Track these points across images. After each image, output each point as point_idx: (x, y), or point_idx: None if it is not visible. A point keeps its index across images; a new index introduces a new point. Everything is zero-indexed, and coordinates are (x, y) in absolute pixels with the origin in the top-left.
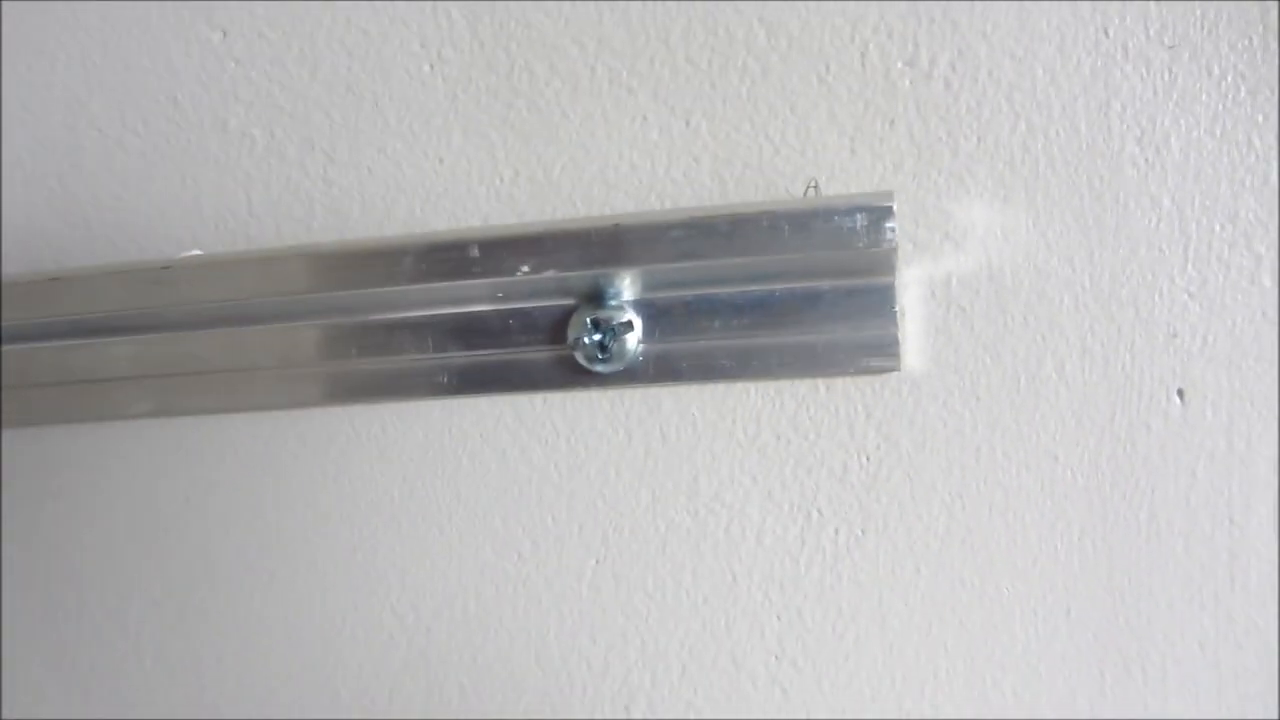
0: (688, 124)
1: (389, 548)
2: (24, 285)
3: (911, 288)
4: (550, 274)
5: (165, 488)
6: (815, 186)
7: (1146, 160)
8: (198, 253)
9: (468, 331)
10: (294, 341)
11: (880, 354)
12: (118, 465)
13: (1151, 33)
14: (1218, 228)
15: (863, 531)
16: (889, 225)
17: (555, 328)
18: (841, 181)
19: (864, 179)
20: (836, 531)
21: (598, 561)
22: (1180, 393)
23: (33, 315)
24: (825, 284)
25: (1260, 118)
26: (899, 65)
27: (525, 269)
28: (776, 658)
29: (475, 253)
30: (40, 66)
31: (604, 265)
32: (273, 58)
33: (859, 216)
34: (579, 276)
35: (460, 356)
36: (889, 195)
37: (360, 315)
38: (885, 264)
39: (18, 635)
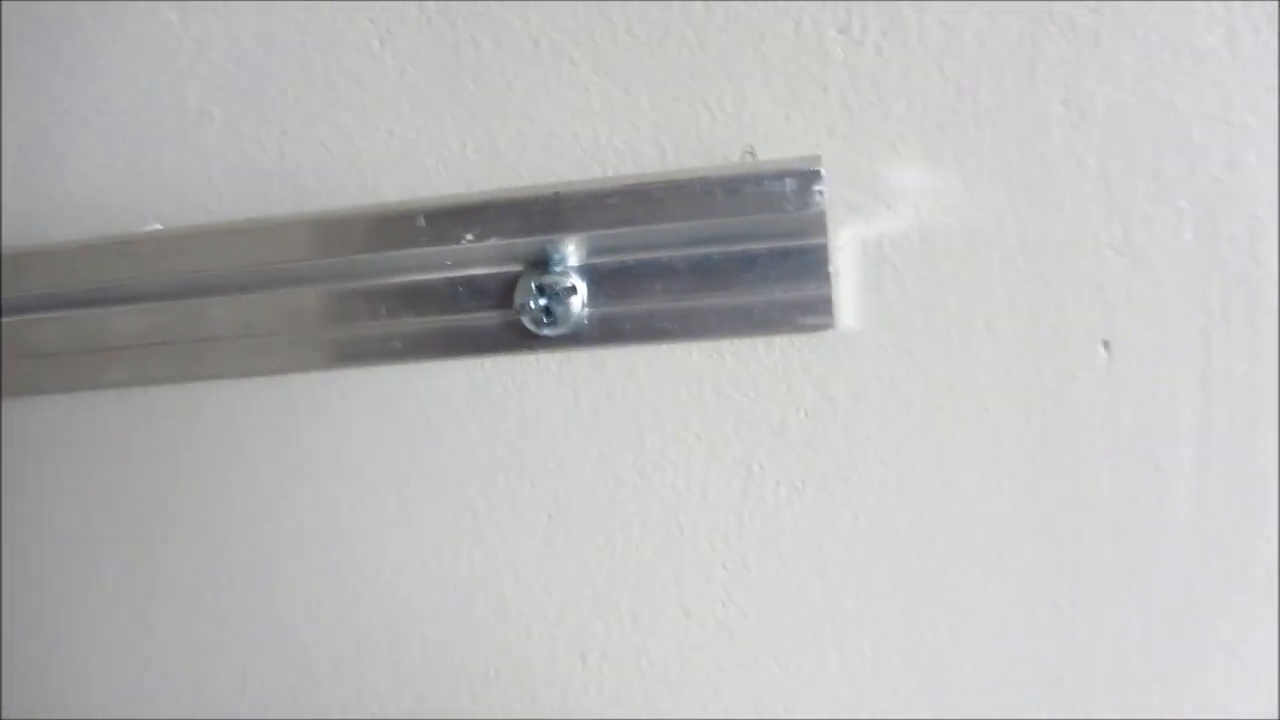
0: (628, 93)
1: (351, 508)
2: None
3: (845, 248)
4: (493, 241)
5: (134, 455)
6: (751, 152)
7: (1072, 121)
8: (158, 227)
9: (419, 298)
10: (253, 311)
11: (815, 313)
12: (90, 433)
13: None
14: (1140, 185)
15: (802, 484)
16: (817, 189)
17: (503, 293)
18: (777, 146)
19: (798, 144)
20: (777, 484)
21: (550, 517)
22: (1106, 344)
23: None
24: (760, 246)
25: (1182, 78)
26: (832, 33)
27: (470, 237)
28: (723, 605)
29: (422, 222)
30: (6, 47)
31: (546, 232)
32: (228, 35)
33: (788, 181)
34: (525, 243)
35: (412, 323)
36: (817, 160)
37: (316, 285)
38: (816, 226)
39: None
